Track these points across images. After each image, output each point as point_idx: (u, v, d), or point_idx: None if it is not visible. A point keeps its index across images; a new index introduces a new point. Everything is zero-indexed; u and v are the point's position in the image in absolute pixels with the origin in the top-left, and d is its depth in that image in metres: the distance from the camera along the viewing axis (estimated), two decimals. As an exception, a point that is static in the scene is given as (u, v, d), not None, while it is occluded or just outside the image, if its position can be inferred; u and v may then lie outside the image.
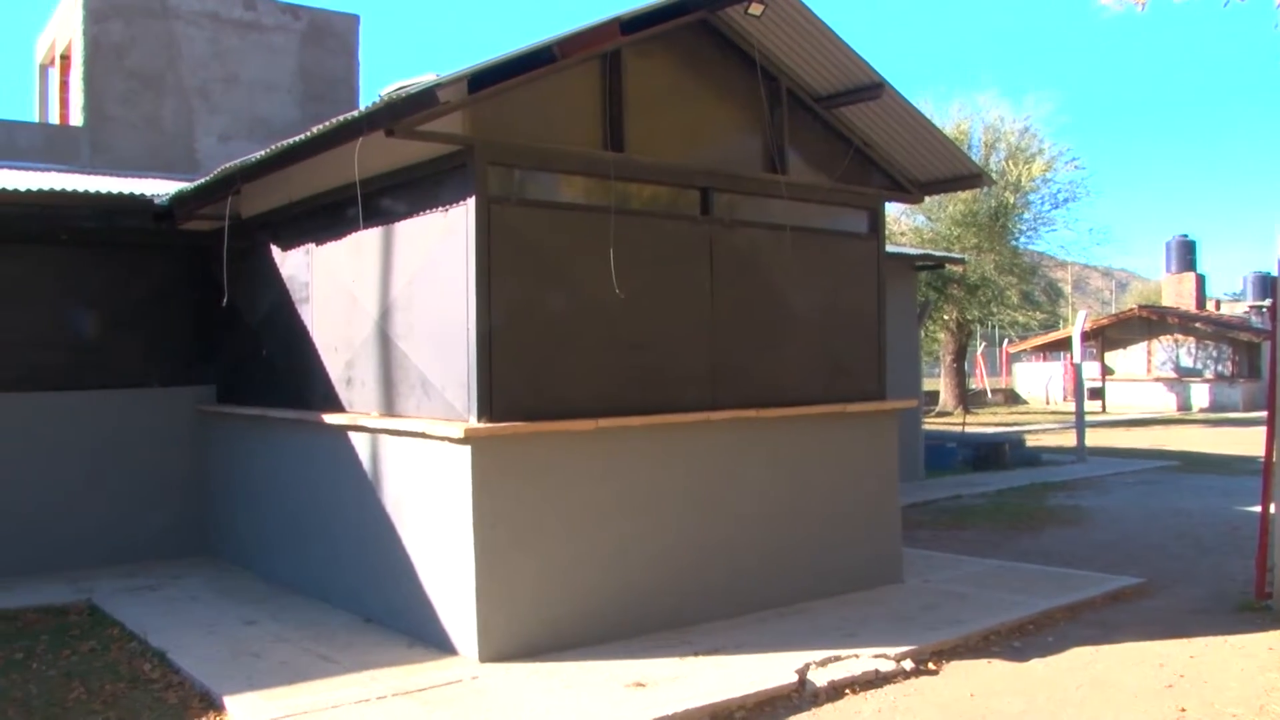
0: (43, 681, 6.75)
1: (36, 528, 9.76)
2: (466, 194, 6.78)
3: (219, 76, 14.37)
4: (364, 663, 6.77)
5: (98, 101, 13.56)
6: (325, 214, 8.35)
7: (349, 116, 6.68)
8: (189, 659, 6.93)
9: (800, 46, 8.22)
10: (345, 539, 8.12)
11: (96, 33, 13.60)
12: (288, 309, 8.98)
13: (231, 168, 8.23)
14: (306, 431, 8.59)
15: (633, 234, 7.46)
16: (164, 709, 6.21)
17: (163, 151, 13.79)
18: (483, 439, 6.66)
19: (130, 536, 10.13)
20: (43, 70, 16.59)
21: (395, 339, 7.55)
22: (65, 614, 8.38)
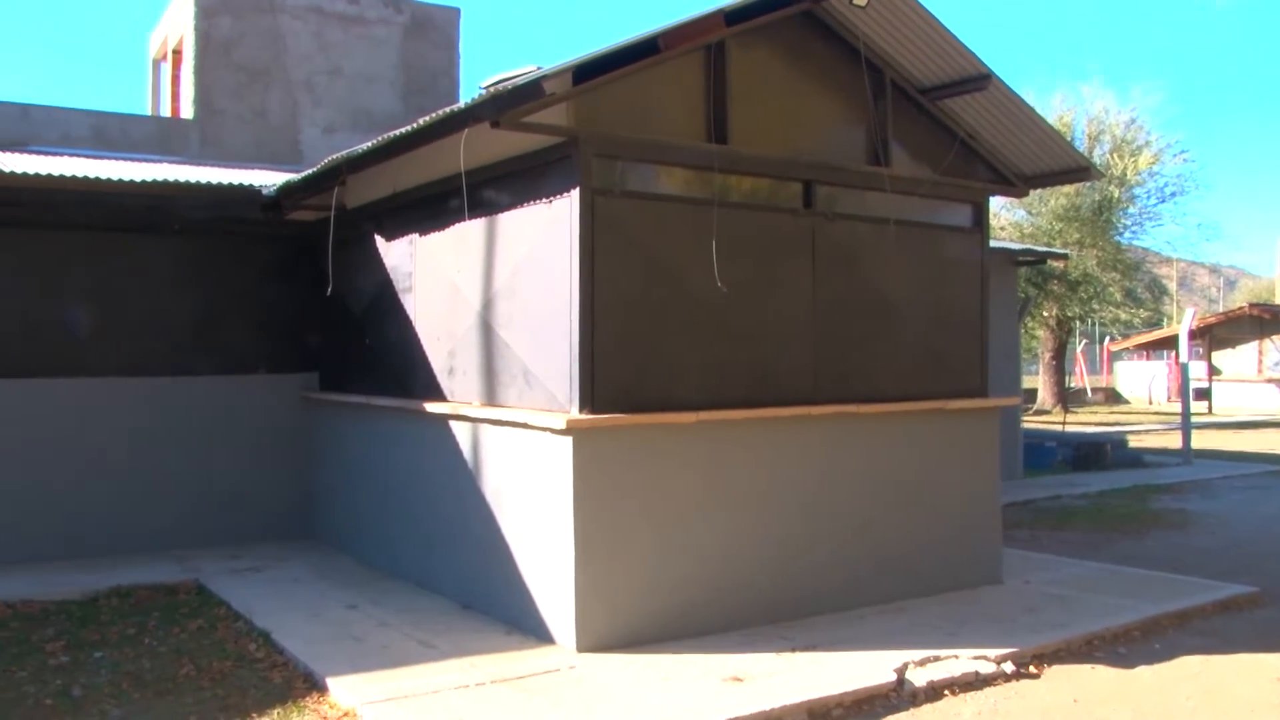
0: (154, 657, 6.95)
1: (148, 508, 10.08)
2: (570, 185, 6.80)
3: (323, 69, 14.63)
4: (463, 649, 6.85)
5: (207, 95, 13.90)
6: (429, 205, 8.45)
7: (456, 108, 6.74)
8: (293, 640, 7.08)
9: (905, 37, 8.11)
10: (445, 526, 8.22)
11: (206, 28, 13.94)
12: (391, 298, 9.11)
13: (338, 159, 8.37)
14: (408, 419, 8.71)
15: (734, 226, 7.43)
16: (269, 688, 6.35)
17: (268, 143, 14.09)
18: (584, 430, 6.69)
19: (235, 519, 10.41)
20: (155, 65, 17.05)
21: (497, 329, 7.61)
22: (174, 592, 8.62)
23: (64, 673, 6.67)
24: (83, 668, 6.77)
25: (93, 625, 7.73)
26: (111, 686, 6.40)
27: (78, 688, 6.38)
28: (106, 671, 6.68)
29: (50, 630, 7.59)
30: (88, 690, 6.33)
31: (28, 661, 6.88)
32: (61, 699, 6.19)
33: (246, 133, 14.03)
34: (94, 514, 9.88)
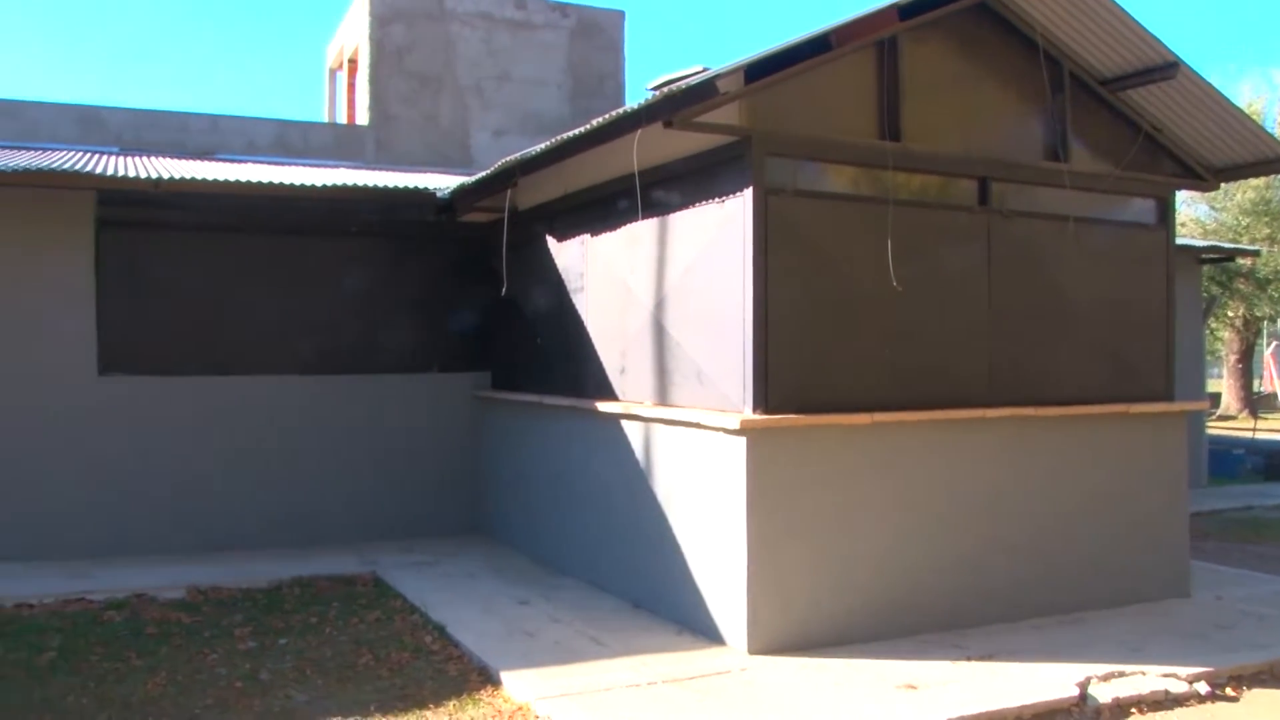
0: (335, 645, 7.19)
1: (328, 502, 10.46)
2: (743, 185, 6.77)
3: (492, 74, 14.92)
4: (633, 647, 6.87)
5: (381, 102, 14.33)
6: (600, 205, 8.53)
7: (629, 109, 6.79)
8: (467, 634, 7.22)
9: (1085, 26, 7.81)
10: (616, 525, 8.29)
11: (380, 37, 14.36)
12: (562, 298, 9.23)
13: (511, 161, 8.52)
14: (580, 419, 8.80)
15: (908, 225, 7.28)
16: (445, 680, 6.48)
17: (440, 147, 14.45)
18: (758, 430, 6.65)
19: (410, 513, 10.72)
20: (331, 75, 17.68)
21: (670, 329, 7.63)
22: (353, 584, 8.91)
23: (252, 657, 6.95)
24: (269, 653, 7.04)
25: (277, 613, 8.04)
26: (296, 672, 6.64)
27: (265, 672, 6.64)
28: (291, 657, 6.93)
29: (238, 616, 7.93)
30: (274, 675, 6.58)
31: (219, 645, 7.20)
32: (250, 682, 6.45)
33: (418, 137, 14.42)
34: (277, 506, 10.32)
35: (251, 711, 5.97)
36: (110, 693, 6.27)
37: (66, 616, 7.90)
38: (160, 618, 7.88)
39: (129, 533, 9.88)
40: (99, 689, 6.34)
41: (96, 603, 8.24)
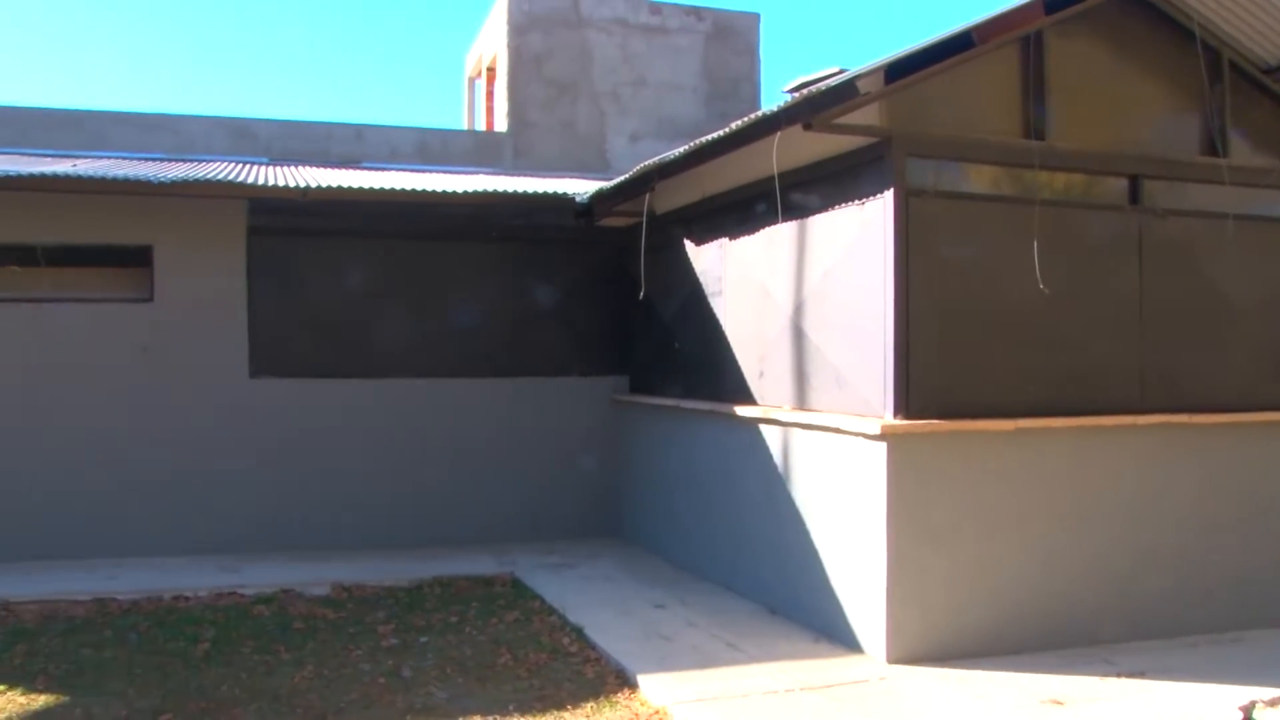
0: (475, 645, 7.30)
1: (468, 503, 10.65)
2: (884, 186, 6.67)
3: (628, 80, 14.99)
4: (770, 653, 6.82)
5: (519, 108, 14.52)
6: (738, 209, 8.50)
7: (768, 111, 6.74)
8: (605, 637, 7.25)
9: (1248, 11, 7.46)
10: (752, 530, 8.24)
11: (518, 45, 14.55)
12: (700, 302, 9.22)
13: (650, 165, 8.55)
14: (717, 423, 8.78)
15: (1053, 225, 7.05)
16: (582, 682, 6.52)
17: (577, 153, 14.58)
18: (899, 436, 6.53)
19: (548, 515, 10.84)
20: (470, 83, 17.99)
21: (809, 333, 7.55)
22: (491, 584, 9.04)
23: (394, 654, 7.10)
24: (410, 650, 7.19)
25: (418, 611, 8.20)
26: (437, 670, 6.76)
27: (407, 669, 6.78)
28: (432, 655, 7.06)
29: (381, 614, 8.12)
30: (416, 672, 6.71)
31: (363, 642, 7.38)
32: (393, 679, 6.59)
33: (556, 143, 14.57)
34: (418, 506, 10.54)
35: (394, 707, 6.09)
36: (260, 684, 6.49)
37: (219, 609, 8.21)
38: (307, 613, 8.13)
39: (276, 530, 10.23)
40: (250, 680, 6.57)
41: (247, 597, 8.54)
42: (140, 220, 10.01)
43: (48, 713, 6.04)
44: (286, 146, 13.46)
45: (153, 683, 6.53)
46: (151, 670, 6.76)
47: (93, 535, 9.86)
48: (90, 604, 8.29)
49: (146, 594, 8.51)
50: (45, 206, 9.79)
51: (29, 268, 10.13)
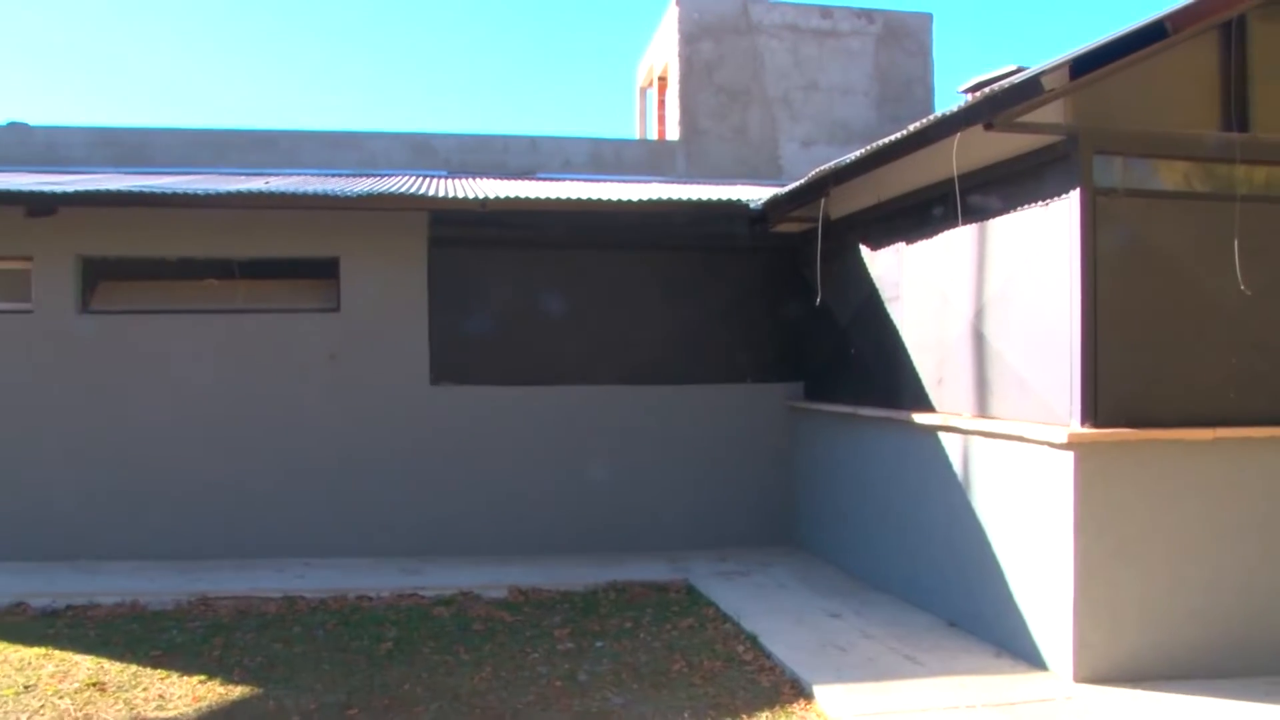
0: (649, 651, 7.31)
1: (642, 510, 10.72)
2: (1069, 186, 6.41)
3: (799, 85, 14.87)
4: (949, 668, 6.64)
5: (690, 116, 14.56)
6: (914, 213, 8.33)
7: (947, 112, 6.57)
8: (779, 645, 7.18)
9: None
10: (930, 540, 8.04)
11: (689, 54, 14.59)
12: (876, 308, 9.05)
13: (825, 170, 8.45)
14: (894, 430, 8.61)
15: (1258, 222, 6.65)
16: (757, 690, 6.46)
17: (749, 159, 14.53)
18: (1087, 445, 6.26)
19: (721, 523, 10.80)
20: (642, 93, 18.14)
21: (990, 338, 7.33)
22: (666, 590, 9.05)
23: (570, 658, 7.18)
24: (586, 655, 7.25)
25: (593, 616, 8.28)
26: (612, 675, 6.79)
27: (583, 673, 6.84)
28: (608, 660, 7.10)
29: (557, 618, 8.22)
30: (591, 676, 6.77)
31: (539, 645, 7.49)
32: (569, 682, 6.66)
33: (728, 150, 14.56)
34: (593, 512, 10.66)
35: (570, 711, 6.15)
36: (440, 683, 6.64)
37: (401, 610, 8.45)
38: (485, 615, 8.29)
39: (454, 534, 10.49)
40: (430, 679, 6.73)
41: (427, 598, 8.77)
42: (328, 233, 10.43)
43: (243, 703, 6.32)
44: (464, 160, 13.82)
45: (339, 678, 6.76)
46: (338, 666, 7.01)
47: (281, 536, 10.31)
48: (280, 601, 8.64)
49: (332, 593, 8.83)
50: (240, 222, 10.31)
51: (225, 280, 10.68)
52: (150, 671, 6.89)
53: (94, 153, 13.26)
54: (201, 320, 10.45)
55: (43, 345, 10.27)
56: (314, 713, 6.13)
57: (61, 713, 6.14)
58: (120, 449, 10.27)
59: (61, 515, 10.16)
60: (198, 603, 8.59)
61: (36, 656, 7.20)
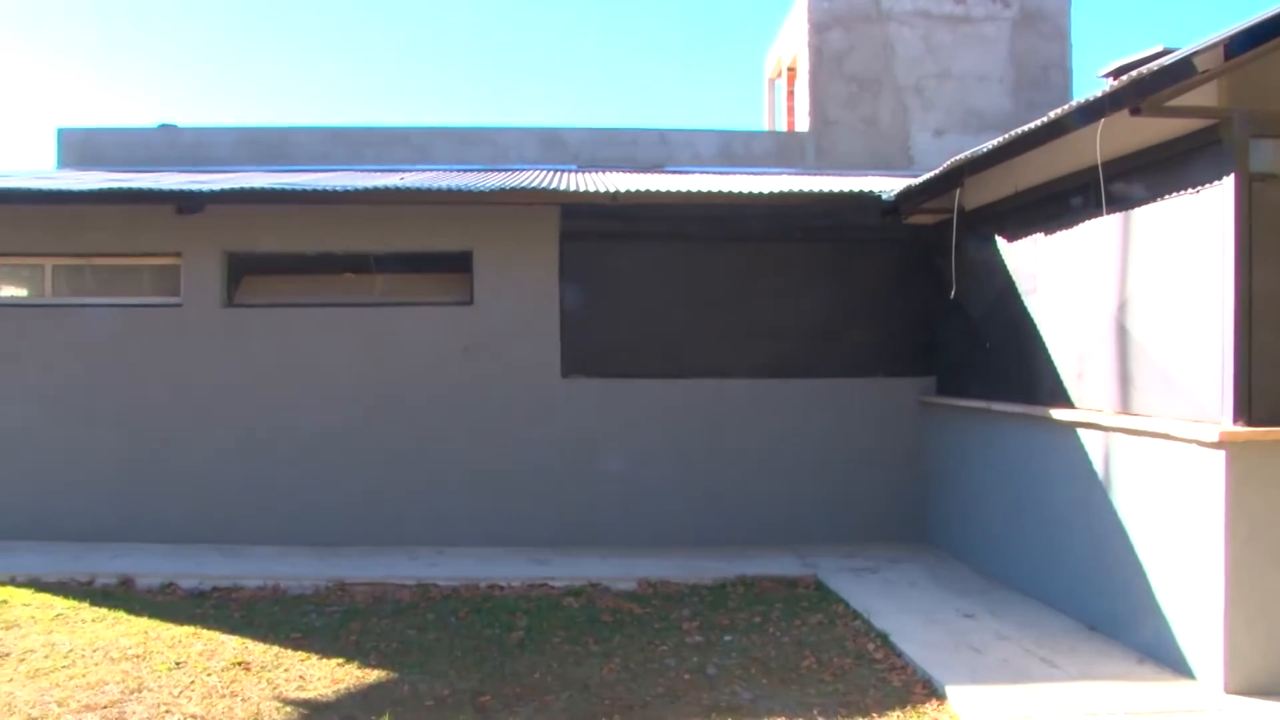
0: (778, 646, 7.26)
1: (772, 503, 10.64)
2: (1222, 172, 6.13)
3: (931, 73, 14.56)
4: (1088, 673, 6.43)
5: (820, 107, 14.38)
6: (1053, 202, 8.07)
7: (1090, 97, 6.35)
8: (910, 644, 7.06)
9: None
10: (1068, 540, 7.80)
11: (818, 43, 14.41)
12: (1012, 301, 8.81)
13: (960, 160, 8.25)
14: (1031, 426, 8.37)
15: None
16: (887, 689, 6.36)
17: (880, 150, 14.29)
18: (1239, 443, 5.98)
19: (850, 518, 10.66)
20: (770, 84, 18.00)
21: (1134, 332, 7.06)
22: (794, 585, 8.97)
23: (699, 651, 7.17)
24: (714, 648, 7.23)
25: (722, 610, 8.25)
26: (741, 669, 6.77)
27: (712, 666, 6.82)
28: (736, 655, 7.08)
29: (686, 611, 8.22)
30: (720, 670, 6.75)
31: (668, 637, 7.50)
32: (698, 675, 6.65)
33: (858, 141, 14.34)
34: (721, 505, 10.63)
35: (699, 704, 6.14)
36: (570, 674, 6.69)
37: (531, 600, 8.55)
38: (614, 607, 8.33)
39: (584, 525, 10.56)
40: (560, 669, 6.79)
41: (557, 589, 8.85)
42: (461, 228, 10.60)
43: (379, 686, 6.47)
44: (594, 153, 13.90)
45: (471, 665, 6.87)
46: (470, 653, 7.12)
47: (415, 524, 10.52)
48: (414, 589, 8.83)
49: (464, 582, 8.98)
50: (376, 218, 10.55)
51: (362, 274, 10.94)
52: (291, 653, 7.11)
53: (237, 152, 13.72)
54: (339, 313, 10.73)
55: (191, 338, 10.68)
56: (447, 698, 6.24)
57: (210, 689, 6.37)
58: (263, 438, 10.62)
59: (208, 501, 10.55)
60: (335, 588, 8.83)
61: (186, 635, 7.50)
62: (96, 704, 6.11)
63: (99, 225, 10.63)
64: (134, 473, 10.64)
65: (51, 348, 10.72)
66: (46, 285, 11.11)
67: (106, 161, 13.60)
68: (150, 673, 6.67)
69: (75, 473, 10.63)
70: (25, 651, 7.07)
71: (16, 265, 11.29)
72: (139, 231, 10.68)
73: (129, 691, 6.32)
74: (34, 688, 6.37)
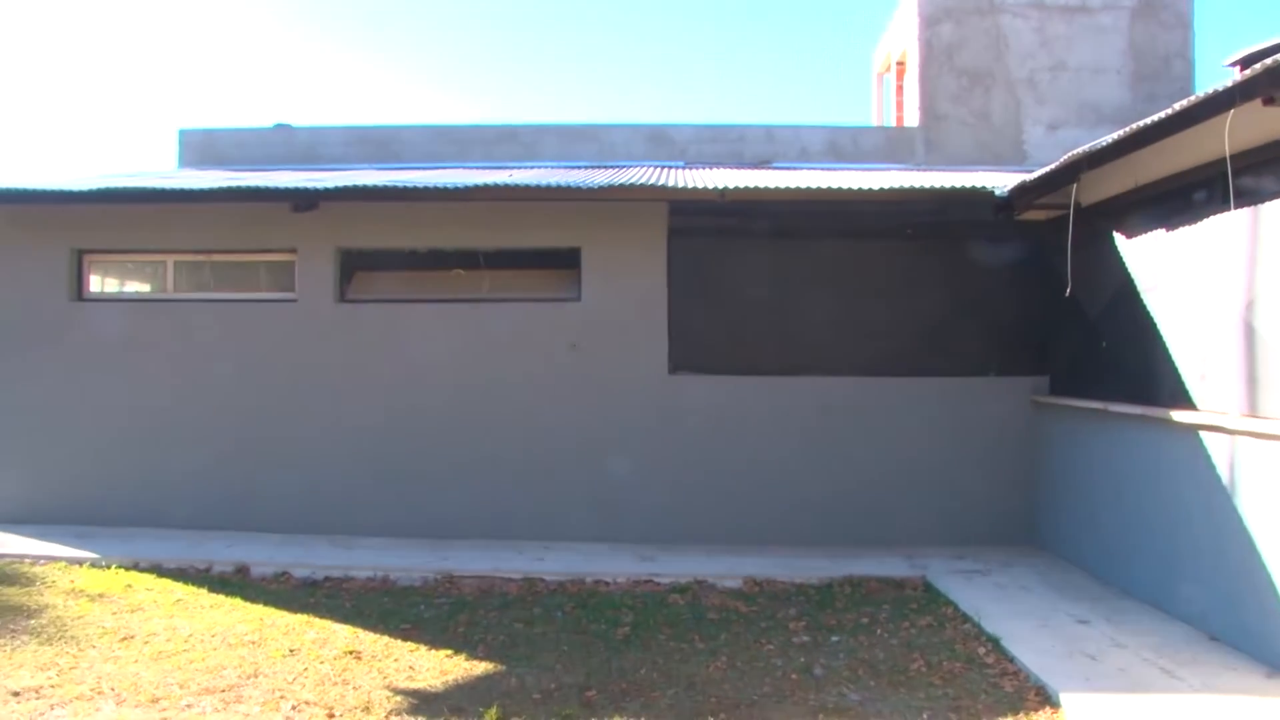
0: (886, 648, 7.18)
1: (876, 504, 10.51)
2: (1360, 165, 5.89)
3: (1045, 65, 14.23)
4: (1211, 685, 6.21)
5: (930, 101, 14.15)
6: (1176, 197, 7.82)
7: (1219, 87, 6.12)
8: (1023, 650, 6.91)
9: None
10: (1189, 547, 7.55)
11: (928, 36, 14.19)
12: (1131, 299, 8.55)
13: (1078, 154, 8.03)
14: (1150, 428, 8.12)
15: None
16: (999, 695, 6.24)
17: (991, 144, 14.02)
18: (1376, 450, 5.75)
19: (959, 520, 10.46)
20: (878, 78, 17.78)
21: (1262, 332, 6.79)
22: (902, 587, 8.85)
23: (805, 651, 7.12)
24: (821, 649, 7.17)
25: (829, 610, 8.18)
26: (849, 671, 6.70)
27: (818, 667, 6.77)
28: (844, 656, 7.01)
29: (792, 610, 8.16)
30: (827, 671, 6.70)
31: (774, 636, 7.46)
32: (804, 675, 6.61)
33: (968, 136, 14.08)
34: (828, 504, 10.51)
35: (806, 704, 6.10)
36: (676, 670, 6.70)
37: (637, 596, 8.57)
38: (719, 605, 8.32)
39: (689, 522, 10.55)
40: (666, 666, 6.80)
41: (663, 586, 8.86)
42: (569, 224, 10.67)
43: (487, 678, 6.55)
44: (700, 150, 13.89)
45: (577, 660, 6.91)
46: (576, 648, 7.17)
47: (521, 518, 10.62)
48: (521, 582, 8.92)
49: (570, 577, 9.04)
50: (485, 214, 10.66)
51: (471, 270, 11.07)
52: (400, 643, 7.24)
53: (349, 150, 14.01)
54: (449, 309, 10.88)
55: (305, 332, 10.93)
56: (554, 692, 6.29)
57: (323, 677, 6.52)
58: (374, 431, 10.82)
59: (321, 492, 10.80)
60: (444, 580, 8.96)
61: (299, 623, 7.68)
62: (215, 687, 6.29)
63: (218, 223, 10.95)
64: (249, 464, 10.93)
65: (172, 342, 11.08)
66: (168, 281, 11.48)
67: (225, 161, 13.99)
68: (266, 659, 6.84)
69: (194, 463, 10.96)
70: (149, 635, 7.32)
71: (140, 262, 11.69)
72: (256, 229, 10.97)
73: (246, 676, 6.50)
74: (157, 669, 6.58)
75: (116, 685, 6.29)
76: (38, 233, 11.20)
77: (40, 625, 7.48)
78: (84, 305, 11.34)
